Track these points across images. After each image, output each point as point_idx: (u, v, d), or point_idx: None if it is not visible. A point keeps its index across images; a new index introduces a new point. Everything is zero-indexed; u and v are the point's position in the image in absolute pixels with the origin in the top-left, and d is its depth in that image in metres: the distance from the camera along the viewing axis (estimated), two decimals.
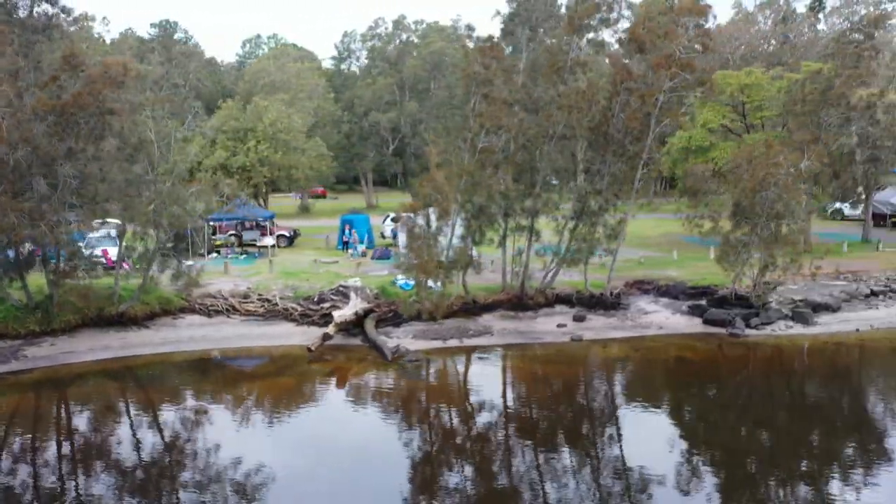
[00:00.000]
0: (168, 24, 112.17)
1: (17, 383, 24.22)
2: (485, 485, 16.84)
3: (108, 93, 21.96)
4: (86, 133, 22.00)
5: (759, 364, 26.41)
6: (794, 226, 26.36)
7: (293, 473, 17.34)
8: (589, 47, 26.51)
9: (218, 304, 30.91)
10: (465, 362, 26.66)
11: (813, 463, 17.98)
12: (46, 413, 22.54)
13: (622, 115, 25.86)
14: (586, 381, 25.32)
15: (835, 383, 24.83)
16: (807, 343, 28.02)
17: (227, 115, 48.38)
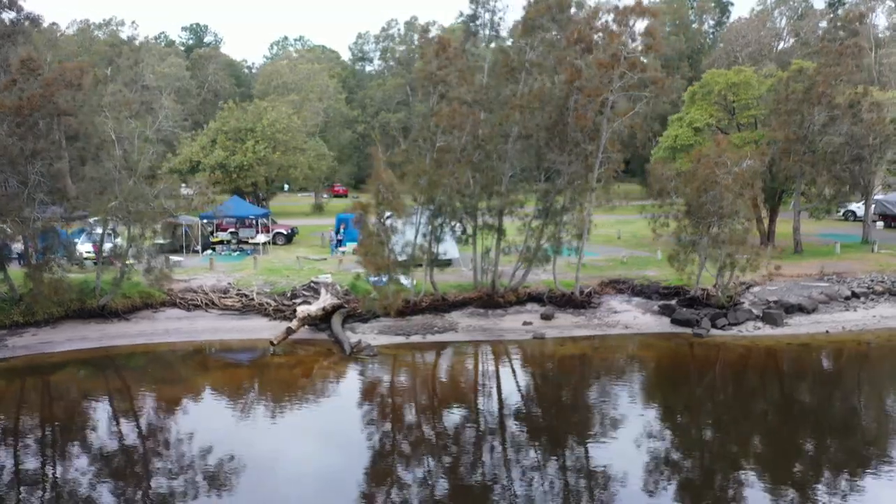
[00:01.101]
0: (198, 28, 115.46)
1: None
2: (362, 457, 17.71)
3: (61, 95, 23.10)
4: (44, 132, 23.19)
5: (710, 363, 26.42)
6: (736, 225, 26.12)
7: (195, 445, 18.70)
8: (541, 47, 26.63)
9: (197, 299, 32.02)
10: (419, 357, 27.17)
11: (710, 459, 18.07)
12: (14, 396, 23.81)
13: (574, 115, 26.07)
14: (519, 377, 25.50)
15: (779, 384, 24.67)
16: (769, 344, 27.81)
17: (227, 116, 49.76)
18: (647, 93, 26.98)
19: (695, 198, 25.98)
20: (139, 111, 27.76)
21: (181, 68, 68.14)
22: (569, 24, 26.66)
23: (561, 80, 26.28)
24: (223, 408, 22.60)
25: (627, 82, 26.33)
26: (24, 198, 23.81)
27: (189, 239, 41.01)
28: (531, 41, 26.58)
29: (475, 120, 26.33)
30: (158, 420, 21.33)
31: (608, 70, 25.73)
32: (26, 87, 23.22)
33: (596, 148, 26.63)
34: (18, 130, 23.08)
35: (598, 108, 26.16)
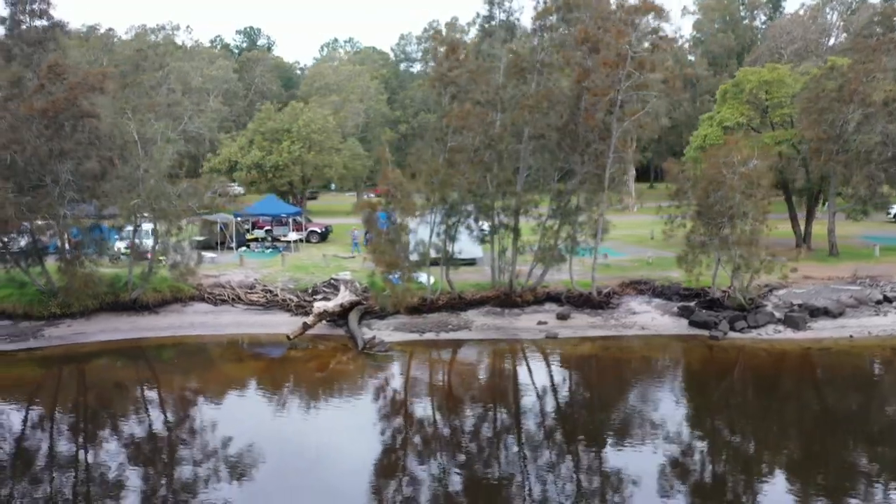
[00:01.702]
0: (252, 31, 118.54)
1: (29, 358, 27.31)
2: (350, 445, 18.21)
3: (85, 98, 24.38)
4: (69, 133, 24.55)
5: (721, 366, 26.02)
6: (744, 226, 25.56)
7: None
8: (550, 48, 26.65)
9: (224, 294, 33.21)
10: (429, 354, 27.55)
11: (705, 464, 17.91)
12: (49, 383, 25.31)
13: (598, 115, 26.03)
14: (522, 376, 25.47)
15: (792, 388, 24.05)
16: (787, 348, 27.18)
17: (263, 117, 51.17)
18: (655, 92, 26.69)
19: (703, 198, 25.61)
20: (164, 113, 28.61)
21: (229, 71, 70.33)
22: (578, 23, 26.59)
23: (570, 79, 26.23)
24: (235, 397, 23.61)
25: (635, 82, 26.14)
26: (55, 196, 25.26)
27: (224, 236, 42.42)
28: (541, 41, 26.66)
29: (485, 120, 26.57)
30: (177, 406, 22.63)
31: (613, 70, 25.59)
32: (53, 90, 24.64)
33: (607, 148, 26.52)
34: (46, 132, 24.53)
35: (608, 107, 26.05)
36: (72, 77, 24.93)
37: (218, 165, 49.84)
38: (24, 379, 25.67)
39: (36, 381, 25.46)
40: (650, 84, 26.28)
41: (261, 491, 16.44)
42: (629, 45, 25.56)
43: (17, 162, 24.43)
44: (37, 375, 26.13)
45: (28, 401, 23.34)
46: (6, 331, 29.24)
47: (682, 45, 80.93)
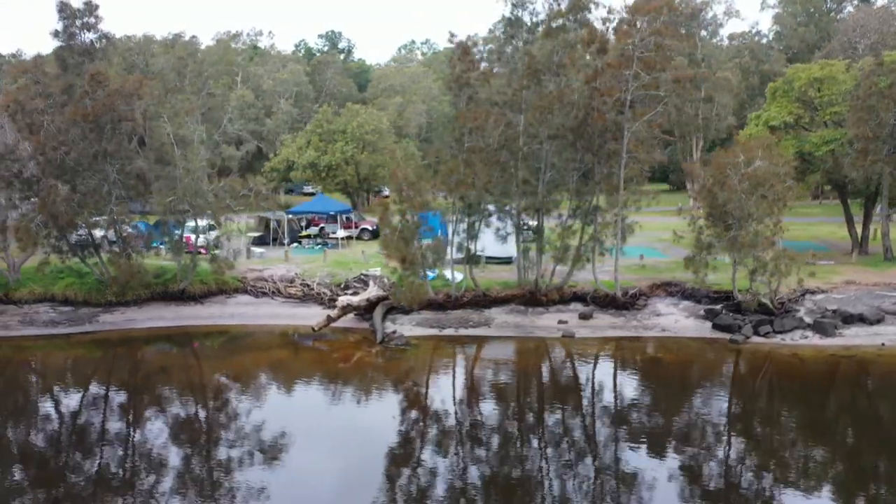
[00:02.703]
0: (333, 35, 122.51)
1: (83, 340, 30.18)
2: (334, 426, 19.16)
3: (123, 103, 26.64)
4: (110, 136, 26.89)
5: (727, 370, 25.67)
6: (752, 227, 24.84)
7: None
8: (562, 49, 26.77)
9: (266, 287, 35.18)
10: (443, 349, 28.36)
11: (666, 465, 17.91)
12: (99, 361, 28.27)
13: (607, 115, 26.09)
14: (521, 374, 25.96)
15: (789, 396, 23.33)
16: (809, 354, 26.37)
17: (321, 119, 53.24)
18: (664, 92, 26.39)
19: (711, 199, 25.18)
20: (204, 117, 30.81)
21: (300, 74, 73.30)
22: (587, 25, 26.66)
23: (580, 80, 26.38)
24: (249, 378, 25.45)
25: (641, 82, 25.95)
26: (102, 193, 27.76)
27: (277, 233, 44.62)
28: (555, 43, 26.90)
29: (497, 121, 27.09)
30: (194, 384, 24.88)
31: (618, 70, 25.53)
32: (95, 97, 27.03)
33: (620, 148, 26.49)
34: (91, 135, 26.99)
35: (618, 107, 26.02)
36: (112, 84, 27.28)
37: (277, 165, 52.33)
38: (78, 358, 28.68)
39: (86, 360, 28.47)
40: (660, 84, 26.01)
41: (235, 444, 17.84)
42: (633, 46, 25.46)
43: (67, 162, 27.05)
44: (88, 355, 29.14)
45: (80, 376, 26.45)
46: (67, 316, 32.16)
47: (759, 41, 78.01)
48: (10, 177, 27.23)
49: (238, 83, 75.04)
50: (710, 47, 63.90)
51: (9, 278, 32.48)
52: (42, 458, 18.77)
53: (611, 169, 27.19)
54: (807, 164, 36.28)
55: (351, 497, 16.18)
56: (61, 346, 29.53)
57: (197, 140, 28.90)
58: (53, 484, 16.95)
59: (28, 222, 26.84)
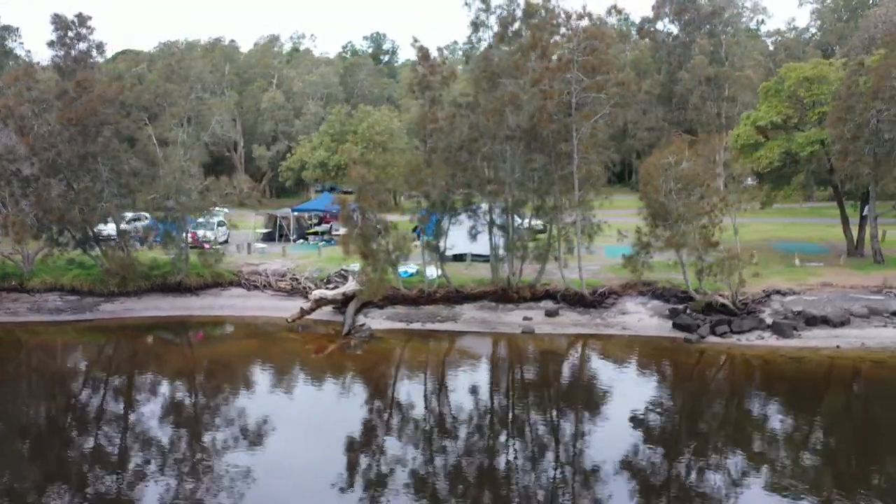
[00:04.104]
0: (378, 36, 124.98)
1: (81, 327, 32.96)
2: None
3: (103, 108, 28.92)
4: (92, 137, 29.24)
5: (663, 367, 26.21)
6: (681, 228, 24.99)
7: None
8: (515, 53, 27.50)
9: (258, 281, 37.16)
10: (402, 341, 29.66)
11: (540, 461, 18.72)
12: (95, 345, 31.23)
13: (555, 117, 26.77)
14: (463, 365, 27.18)
15: (717, 395, 23.70)
16: (758, 354, 26.50)
17: (334, 120, 55.11)
18: (604, 95, 26.78)
19: (647, 199, 25.52)
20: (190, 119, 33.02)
21: (330, 76, 75.67)
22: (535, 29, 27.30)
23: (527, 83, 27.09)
24: (216, 363, 27.57)
25: (583, 85, 26.46)
26: (95, 191, 30.23)
27: (283, 229, 46.71)
28: (510, 48, 27.72)
29: (456, 122, 28.11)
30: (166, 367, 27.08)
31: (557, 73, 26.12)
32: (80, 102, 29.42)
33: (570, 149, 27.11)
34: (78, 137, 29.44)
35: (566, 110, 26.64)
36: (97, 90, 29.67)
37: (292, 165, 54.48)
38: (71, 342, 31.57)
39: (78, 344, 31.26)
40: (604, 86, 26.45)
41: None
42: (571, 51, 26.04)
43: (59, 162, 29.58)
44: (81, 340, 31.90)
45: (67, 358, 29.52)
46: (71, 304, 34.89)
47: (796, 38, 76.14)
48: (10, 175, 29.98)
49: (274, 85, 77.99)
50: (734, 45, 62.82)
51: (23, 269, 35.38)
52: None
53: (564, 170, 27.85)
54: (794, 165, 35.94)
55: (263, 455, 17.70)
56: (60, 332, 32.26)
57: (179, 141, 30.95)
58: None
59: (23, 217, 29.48)
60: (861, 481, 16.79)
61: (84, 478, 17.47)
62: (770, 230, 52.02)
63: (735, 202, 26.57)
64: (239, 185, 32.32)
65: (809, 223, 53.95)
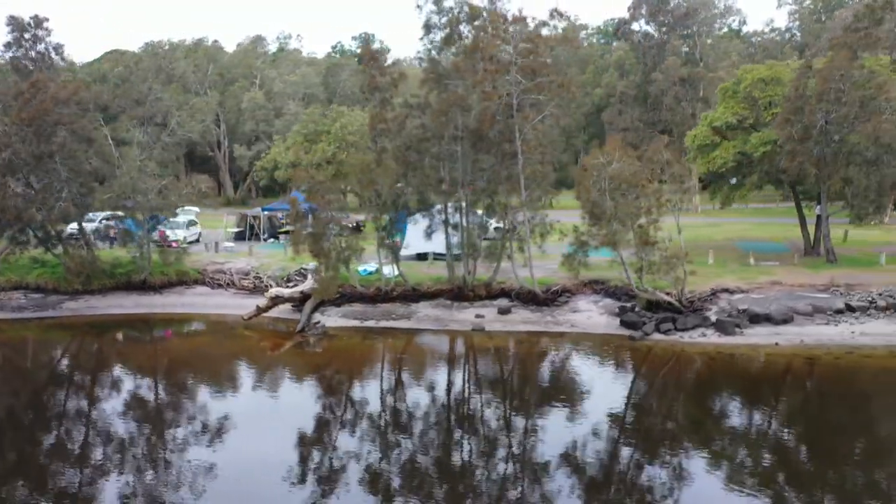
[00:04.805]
0: (367, 37, 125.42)
1: (42, 325, 33.51)
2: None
3: (55, 109, 29.44)
4: (45, 138, 29.76)
5: (601, 364, 26.72)
6: (615, 227, 25.52)
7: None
8: (459, 56, 28.03)
9: (222, 279, 37.67)
10: (353, 338, 30.17)
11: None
12: (54, 341, 31.92)
13: (498, 118, 27.33)
14: (405, 360, 27.77)
15: (643, 389, 24.23)
16: (696, 351, 27.05)
17: (307, 120, 55.64)
18: (543, 96, 27.29)
19: (582, 198, 26.08)
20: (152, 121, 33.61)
21: (310, 76, 76.24)
22: (479, 31, 27.85)
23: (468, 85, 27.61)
24: (166, 358, 28.13)
25: (523, 87, 26.97)
26: (54, 190, 30.75)
27: (255, 229, 47.24)
28: (456, 50, 28.25)
29: (404, 123, 28.64)
30: (114, 362, 27.91)
31: (495, 76, 26.66)
32: (34, 103, 29.96)
33: (514, 150, 27.63)
34: (34, 137, 29.99)
35: (507, 112, 27.17)
36: (51, 91, 30.20)
37: (265, 164, 55.01)
38: (27, 338, 31.94)
39: (36, 340, 31.68)
40: (545, 88, 26.95)
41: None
42: (509, 53, 26.57)
43: (15, 161, 30.13)
44: (43, 337, 32.59)
45: (24, 350, 30.36)
46: (35, 302, 35.42)
47: (772, 38, 76.67)
48: None
49: (256, 86, 78.50)
50: (708, 47, 63.36)
51: None
52: None
53: (509, 170, 28.38)
54: (749, 166, 36.48)
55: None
56: (23, 328, 32.77)
57: (136, 142, 31.49)
58: None
59: None
60: (763, 462, 17.34)
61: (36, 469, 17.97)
62: (739, 230, 52.71)
63: (677, 202, 27.08)
64: (197, 184, 32.75)
65: (780, 223, 54.45)
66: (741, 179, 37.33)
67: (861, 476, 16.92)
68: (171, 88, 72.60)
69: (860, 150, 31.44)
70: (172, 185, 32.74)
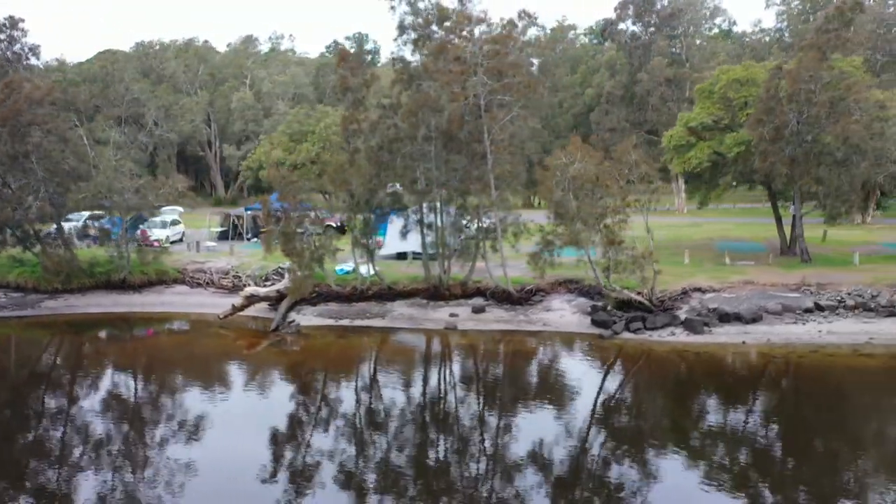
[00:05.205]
0: (361, 37, 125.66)
1: (19, 324, 33.88)
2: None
3: (28, 110, 29.72)
4: (20, 137, 30.04)
5: (567, 362, 27.17)
6: (578, 227, 25.80)
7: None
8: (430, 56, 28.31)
9: (202, 278, 37.93)
10: (325, 337, 30.45)
11: None
12: (32, 339, 32.36)
13: (467, 119, 27.63)
14: (370, 358, 28.36)
15: (603, 385, 24.54)
16: (663, 350, 27.33)
17: (292, 120, 55.93)
18: (509, 96, 27.56)
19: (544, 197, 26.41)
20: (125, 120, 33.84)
21: (300, 76, 76.54)
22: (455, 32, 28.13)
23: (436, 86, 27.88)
24: (136, 356, 28.36)
25: (489, 87, 27.25)
26: (30, 189, 31.03)
27: (238, 228, 47.50)
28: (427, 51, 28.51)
29: (375, 123, 28.93)
30: (86, 358, 28.29)
31: (459, 77, 26.93)
32: (8, 103, 30.24)
33: (483, 150, 27.90)
34: (7, 138, 30.30)
35: (476, 112, 27.43)
36: (25, 91, 30.48)
37: (251, 164, 55.28)
38: (6, 337, 32.40)
39: (14, 338, 32.19)
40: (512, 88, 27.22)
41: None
42: (471, 55, 26.84)
43: None
44: (17, 334, 32.83)
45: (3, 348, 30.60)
46: (14, 301, 35.67)
47: (759, 39, 76.92)
48: None
49: (247, 86, 78.77)
50: (693, 47, 63.64)
51: None
52: None
53: (479, 170, 28.65)
54: (724, 166, 36.77)
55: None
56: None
57: (112, 142, 31.78)
58: None
59: None
60: (709, 454, 17.65)
61: None
62: (721, 229, 52.97)
63: (645, 202, 27.35)
64: (174, 184, 33.03)
65: (763, 223, 54.60)
66: (715, 179, 37.60)
67: (794, 466, 17.35)
68: (161, 88, 72.93)
69: (831, 151, 31.74)
70: (149, 184, 33.01)
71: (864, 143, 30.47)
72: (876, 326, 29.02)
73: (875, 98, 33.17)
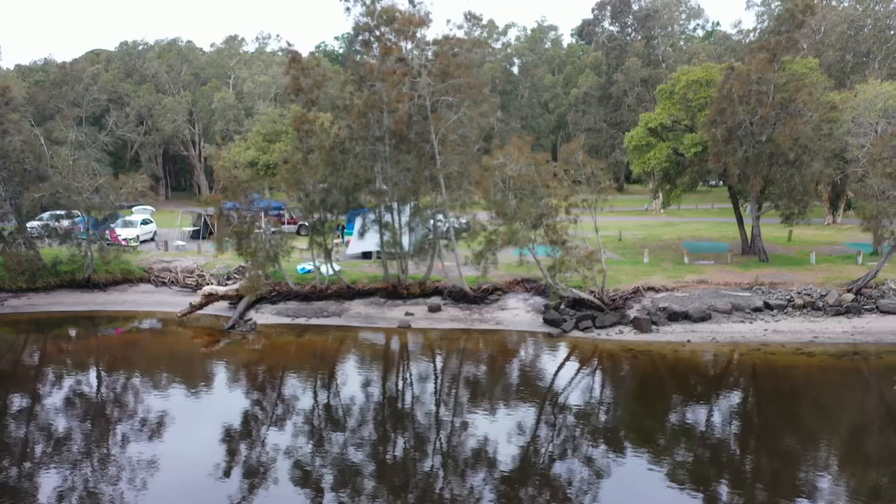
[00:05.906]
0: (350, 36, 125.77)
1: None
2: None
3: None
4: None
5: (509, 360, 27.52)
6: (516, 226, 26.14)
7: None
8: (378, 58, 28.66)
9: (166, 277, 38.27)
10: (275, 335, 30.65)
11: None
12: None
13: (415, 119, 27.96)
14: (316, 354, 28.48)
15: (533, 382, 24.84)
16: (608, 348, 27.68)
17: (266, 119, 56.24)
18: (452, 98, 27.87)
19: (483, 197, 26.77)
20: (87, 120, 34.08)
21: (281, 76, 76.79)
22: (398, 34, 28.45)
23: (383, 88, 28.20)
24: (87, 354, 28.54)
25: (433, 89, 27.57)
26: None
27: (210, 227, 47.80)
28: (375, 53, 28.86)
29: (325, 124, 29.25)
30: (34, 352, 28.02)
31: (403, 79, 27.27)
32: None
33: (433, 150, 28.22)
34: None
35: (422, 113, 27.74)
36: None
37: (225, 163, 55.48)
38: None
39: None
40: (458, 89, 27.55)
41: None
42: (412, 56, 27.19)
43: None
44: None
45: None
46: None
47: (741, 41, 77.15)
48: None
49: (230, 86, 79.06)
50: (669, 48, 63.91)
51: None
52: None
53: (429, 170, 28.97)
54: (682, 167, 37.10)
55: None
56: None
57: (69, 141, 32.09)
58: None
59: None
60: (634, 446, 18.00)
61: None
62: (692, 230, 53.41)
63: (592, 202, 27.69)
64: (134, 182, 33.36)
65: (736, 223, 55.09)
66: (672, 180, 37.98)
67: (712, 452, 17.62)
68: (143, 88, 73.20)
69: (783, 152, 32.09)
70: (110, 183, 33.33)
71: (812, 144, 30.80)
72: (821, 325, 29.42)
73: (828, 99, 33.49)
